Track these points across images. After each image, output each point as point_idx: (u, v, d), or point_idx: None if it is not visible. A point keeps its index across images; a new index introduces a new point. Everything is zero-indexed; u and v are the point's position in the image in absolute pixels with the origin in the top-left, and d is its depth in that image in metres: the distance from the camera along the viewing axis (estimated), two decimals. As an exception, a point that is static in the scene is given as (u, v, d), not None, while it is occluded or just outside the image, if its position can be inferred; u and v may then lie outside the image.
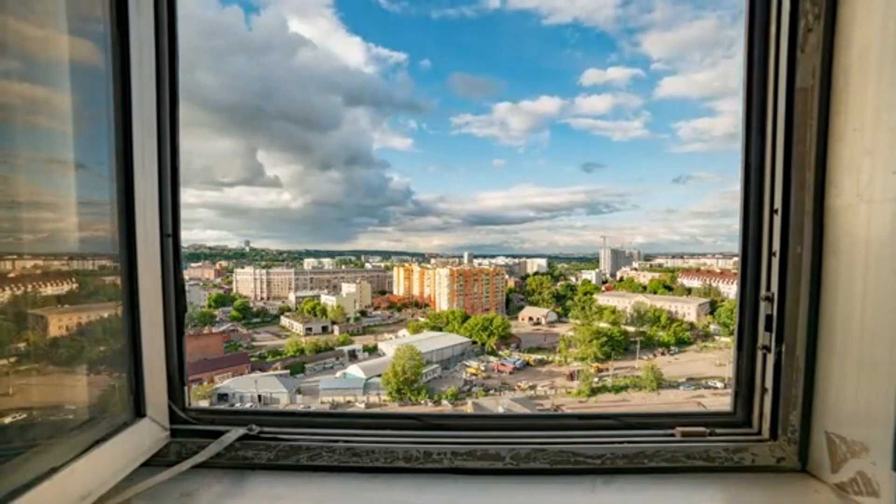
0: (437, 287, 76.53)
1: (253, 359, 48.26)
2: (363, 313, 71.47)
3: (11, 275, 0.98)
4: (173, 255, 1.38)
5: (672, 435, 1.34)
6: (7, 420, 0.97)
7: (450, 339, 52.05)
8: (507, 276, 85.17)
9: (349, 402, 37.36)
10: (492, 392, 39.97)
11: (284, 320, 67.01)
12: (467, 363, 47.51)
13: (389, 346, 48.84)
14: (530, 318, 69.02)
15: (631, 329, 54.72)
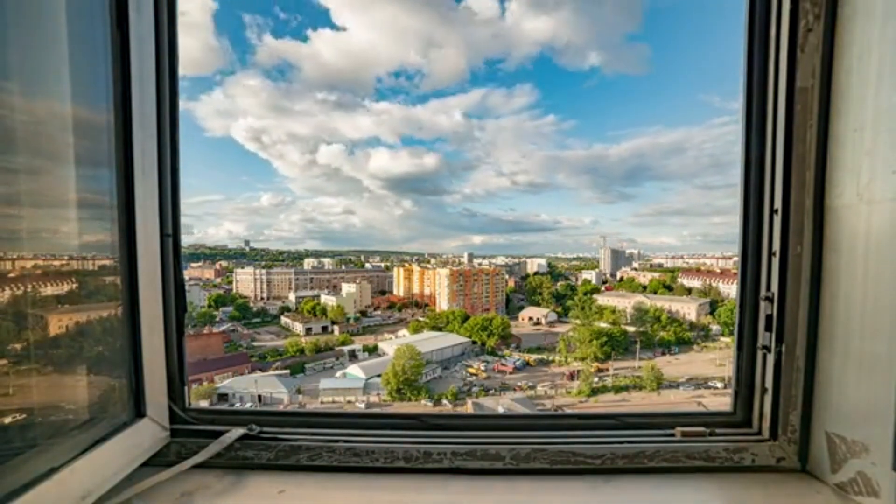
0: (437, 287, 76.50)
1: (253, 359, 48.21)
2: (363, 313, 71.50)
3: (11, 275, 0.98)
4: (173, 255, 1.38)
5: (672, 435, 1.34)
6: (7, 420, 0.97)
7: (450, 339, 52.02)
8: (507, 276, 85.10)
9: (349, 401, 37.35)
10: (492, 392, 39.92)
11: (284, 320, 66.99)
12: (467, 363, 47.48)
13: (389, 346, 48.80)
14: (530, 318, 69.00)
15: (631, 329, 54.69)
